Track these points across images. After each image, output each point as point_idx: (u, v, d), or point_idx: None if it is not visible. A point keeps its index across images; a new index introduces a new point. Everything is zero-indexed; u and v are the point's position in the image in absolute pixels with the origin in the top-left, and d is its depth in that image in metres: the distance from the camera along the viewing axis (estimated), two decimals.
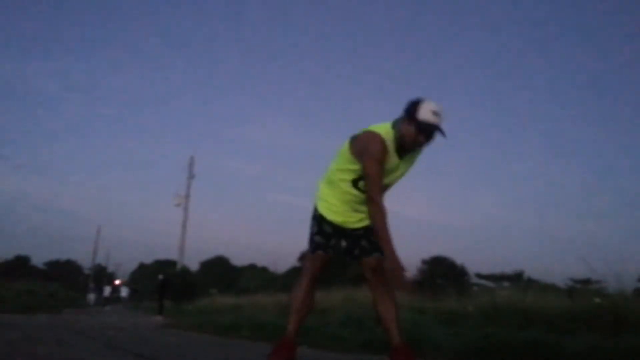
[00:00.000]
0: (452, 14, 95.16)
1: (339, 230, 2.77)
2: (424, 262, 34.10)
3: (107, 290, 40.76)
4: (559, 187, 78.48)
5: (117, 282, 51.70)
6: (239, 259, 61.31)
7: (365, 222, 2.72)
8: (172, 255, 34.25)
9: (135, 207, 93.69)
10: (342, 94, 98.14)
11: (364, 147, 2.60)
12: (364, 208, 2.68)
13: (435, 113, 2.53)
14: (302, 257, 20.56)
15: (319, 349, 4.32)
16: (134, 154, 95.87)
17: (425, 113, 2.53)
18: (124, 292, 48.07)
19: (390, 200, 2.72)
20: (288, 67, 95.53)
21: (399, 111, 2.66)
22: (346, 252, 2.84)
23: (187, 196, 29.04)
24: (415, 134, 2.55)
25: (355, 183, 2.69)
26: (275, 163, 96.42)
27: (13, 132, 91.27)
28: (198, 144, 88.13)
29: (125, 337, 5.40)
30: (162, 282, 18.61)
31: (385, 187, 2.72)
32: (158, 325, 9.68)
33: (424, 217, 78.53)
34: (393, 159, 2.64)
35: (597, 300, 4.72)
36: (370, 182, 2.56)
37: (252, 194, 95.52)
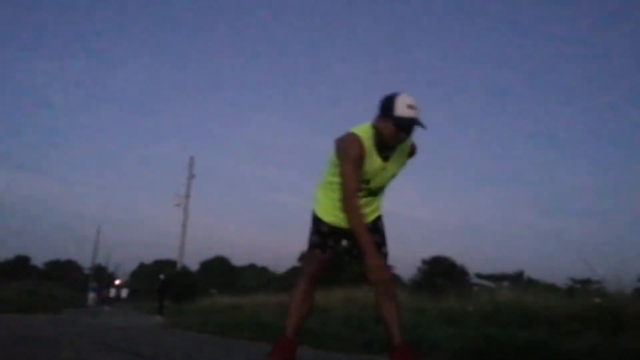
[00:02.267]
0: (448, 10, 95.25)
1: (336, 231, 2.78)
2: (424, 262, 34.15)
3: (112, 292, 41.07)
4: (559, 186, 78.56)
5: (117, 282, 51.71)
6: (239, 259, 61.22)
7: None
8: (172, 255, 34.31)
9: (135, 207, 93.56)
10: (343, 93, 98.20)
11: (341, 149, 2.62)
12: None
13: (411, 106, 2.51)
14: (302, 257, 20.55)
15: (319, 349, 4.32)
16: (134, 154, 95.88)
17: (401, 108, 2.50)
18: (124, 292, 48.24)
19: (391, 201, 2.72)
20: (289, 67, 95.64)
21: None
22: (346, 251, 2.86)
23: (187, 196, 29.11)
24: (394, 130, 2.54)
25: None
26: (275, 163, 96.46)
27: (13, 131, 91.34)
28: (198, 144, 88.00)
29: (125, 337, 5.41)
30: (163, 282, 18.61)
31: (375, 189, 2.73)
32: (158, 325, 9.69)
33: (424, 217, 78.62)
34: (374, 158, 2.63)
35: (597, 300, 4.71)
36: (344, 183, 2.57)
37: (252, 194, 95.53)
